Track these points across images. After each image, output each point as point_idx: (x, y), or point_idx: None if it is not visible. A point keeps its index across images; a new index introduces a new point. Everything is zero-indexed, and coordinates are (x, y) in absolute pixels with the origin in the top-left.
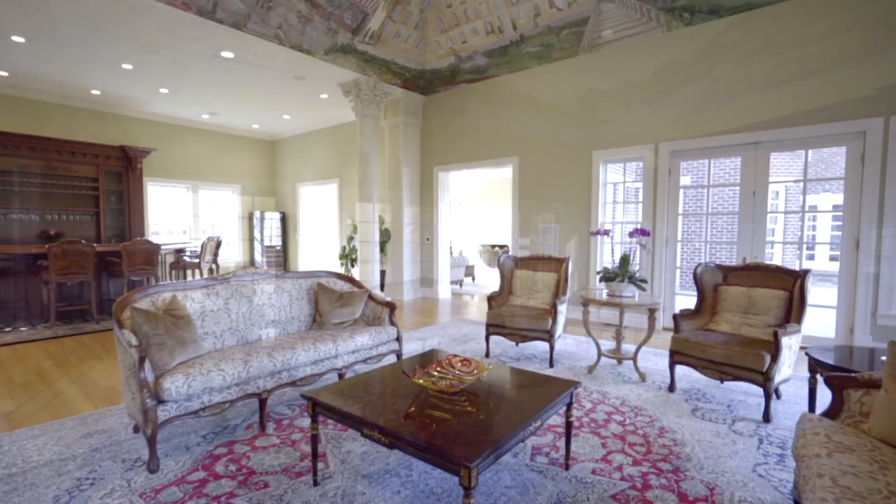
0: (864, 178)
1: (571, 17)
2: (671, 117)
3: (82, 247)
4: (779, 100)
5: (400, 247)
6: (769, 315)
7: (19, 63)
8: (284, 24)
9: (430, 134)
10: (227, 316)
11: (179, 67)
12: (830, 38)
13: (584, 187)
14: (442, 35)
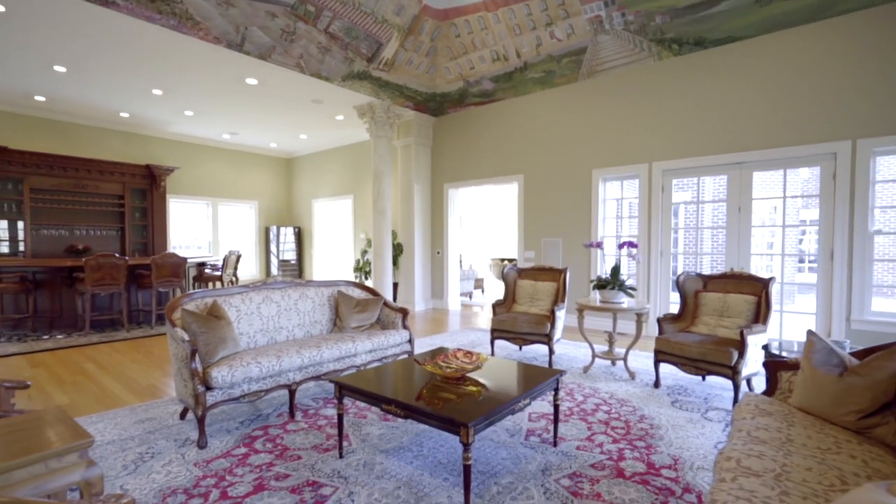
0: (836, 195)
1: (571, 46)
2: (663, 138)
3: (115, 260)
4: (759, 124)
5: (412, 260)
6: (741, 317)
7: (57, 90)
8: (305, 55)
9: (440, 153)
10: (259, 319)
11: (205, 92)
12: (804, 69)
13: (584, 203)
14: (451, 62)
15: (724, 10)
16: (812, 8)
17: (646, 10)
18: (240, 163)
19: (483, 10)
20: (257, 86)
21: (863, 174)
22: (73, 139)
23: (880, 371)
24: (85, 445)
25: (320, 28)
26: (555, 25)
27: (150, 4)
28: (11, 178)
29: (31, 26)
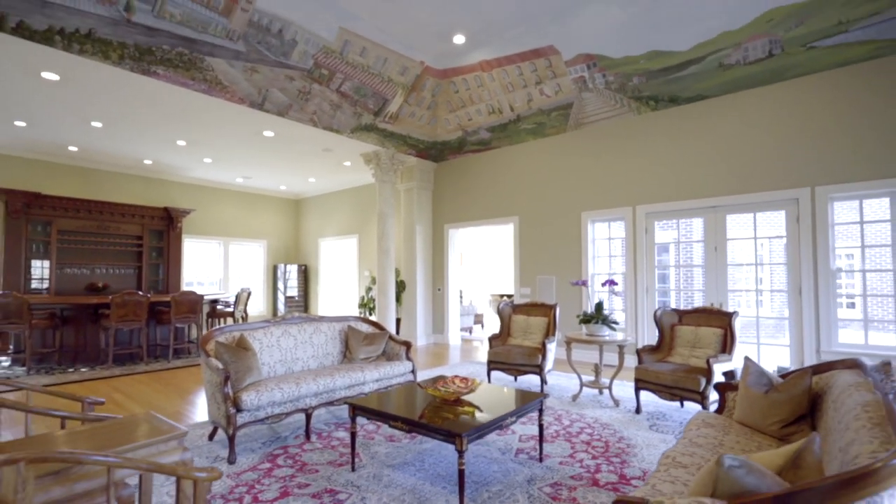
0: (801, 237)
1: (559, 102)
2: (645, 184)
3: (139, 297)
4: (730, 171)
5: (414, 296)
6: (710, 348)
7: (90, 141)
8: (318, 111)
9: (440, 195)
10: (278, 350)
11: (225, 143)
12: (765, 124)
13: (575, 243)
14: (450, 114)
15: (691, 73)
16: (767, 73)
17: (623, 72)
18: (251, 204)
19: (479, 71)
20: (273, 137)
21: (822, 218)
22: (98, 184)
23: (796, 388)
24: (181, 435)
25: (333, 88)
26: (543, 84)
27: (186, 72)
28: (41, 221)
29: (80, 91)
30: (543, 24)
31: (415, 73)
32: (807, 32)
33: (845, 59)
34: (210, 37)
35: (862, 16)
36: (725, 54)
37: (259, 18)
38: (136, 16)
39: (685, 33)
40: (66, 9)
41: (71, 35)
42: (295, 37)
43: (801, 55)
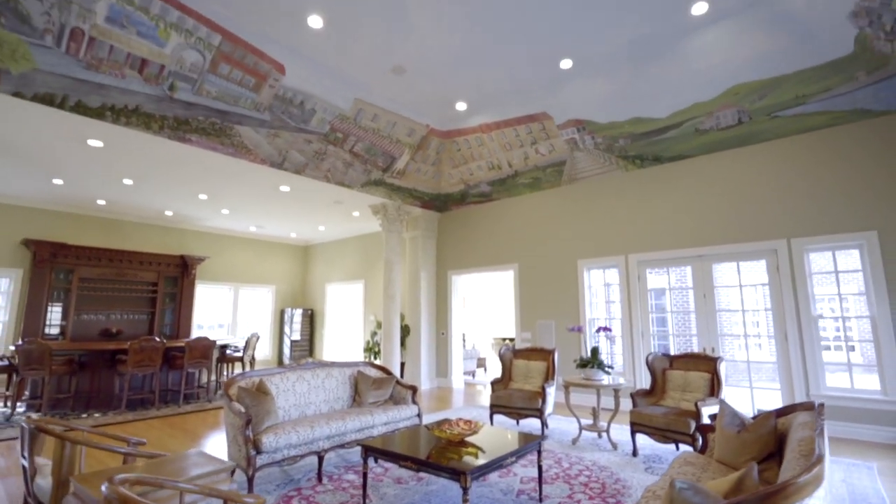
0: (782, 285)
1: (553, 160)
2: (636, 234)
3: (155, 343)
4: (713, 223)
5: (418, 341)
6: (699, 392)
7: (118, 196)
8: (332, 168)
9: (444, 243)
10: (293, 395)
11: (243, 197)
12: (741, 181)
13: (572, 289)
14: (454, 169)
15: (671, 137)
16: (738, 137)
17: (610, 135)
18: (262, 251)
19: (479, 132)
20: (289, 191)
21: (800, 267)
22: (120, 233)
23: (763, 428)
24: (230, 468)
25: (346, 148)
26: (538, 144)
27: (216, 139)
28: (64, 269)
29: (119, 155)
30: (536, 93)
31: (421, 134)
32: (770, 104)
33: (807, 127)
34: (240, 109)
35: (816, 91)
36: (700, 121)
37: (284, 92)
38: (177, 93)
39: (662, 103)
40: (120, 90)
41: (120, 110)
42: (314, 107)
43: (767, 123)
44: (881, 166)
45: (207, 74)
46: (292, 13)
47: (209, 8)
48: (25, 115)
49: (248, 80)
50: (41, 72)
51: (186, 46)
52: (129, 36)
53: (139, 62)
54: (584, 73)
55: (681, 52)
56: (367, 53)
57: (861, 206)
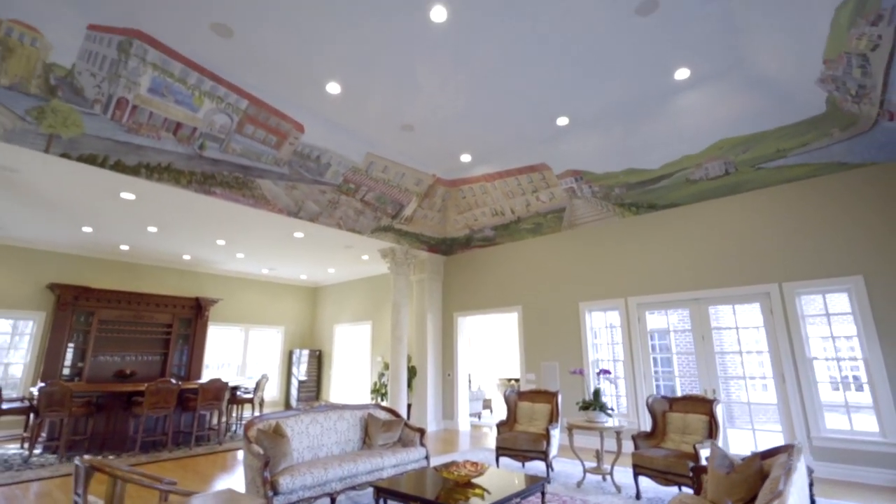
0: (776, 327)
1: (553, 207)
2: (634, 278)
3: (170, 385)
4: (708, 267)
5: (424, 382)
6: (698, 434)
7: (141, 242)
8: (344, 216)
9: (450, 286)
10: (307, 437)
11: (259, 242)
12: (733, 227)
13: (574, 331)
14: (459, 215)
15: (664, 186)
16: (727, 187)
17: (606, 184)
18: (272, 292)
19: (483, 181)
20: (303, 238)
21: (792, 310)
22: (139, 276)
23: (749, 469)
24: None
25: (357, 198)
26: (539, 192)
27: (238, 191)
28: (85, 312)
29: (147, 206)
30: (536, 146)
31: (428, 183)
32: (753, 157)
33: (789, 178)
34: (262, 164)
35: (795, 146)
36: (690, 172)
37: (302, 149)
38: (206, 151)
39: (654, 156)
40: (155, 150)
41: (153, 167)
42: (330, 161)
43: (752, 174)
44: (861, 215)
45: (234, 134)
46: (313, 81)
47: (239, 78)
48: (67, 171)
49: (270, 139)
50: (87, 136)
51: (217, 111)
52: (167, 103)
53: (174, 125)
54: (580, 129)
55: (668, 111)
56: (379, 113)
57: (846, 252)
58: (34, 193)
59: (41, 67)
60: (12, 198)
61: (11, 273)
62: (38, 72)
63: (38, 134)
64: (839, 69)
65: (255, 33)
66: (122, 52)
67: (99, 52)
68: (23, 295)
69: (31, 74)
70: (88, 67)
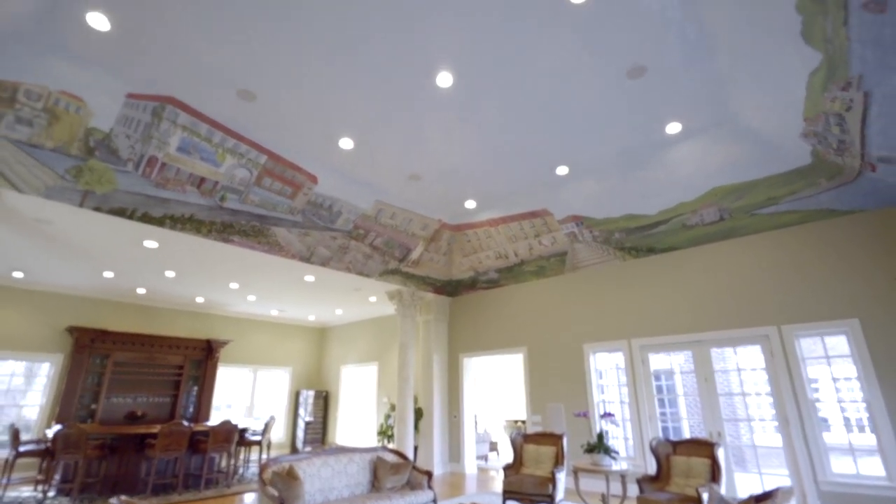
0: (777, 369)
1: (555, 250)
2: (636, 320)
3: (183, 428)
4: (708, 309)
5: (431, 424)
6: (701, 477)
7: (158, 286)
8: (353, 260)
9: (455, 327)
10: (318, 480)
11: (271, 286)
12: (730, 270)
13: (579, 372)
14: (464, 258)
15: (661, 231)
16: (722, 232)
17: (606, 229)
18: (281, 333)
19: (487, 226)
20: (313, 281)
21: (792, 352)
22: (153, 319)
23: None
24: None
25: (367, 243)
26: (541, 237)
27: (254, 239)
28: (101, 354)
29: (168, 253)
30: (537, 193)
31: (434, 228)
32: (746, 204)
33: (781, 224)
34: (277, 213)
35: (785, 194)
36: (686, 217)
37: (315, 198)
38: (226, 203)
39: (651, 202)
40: (180, 202)
41: (177, 218)
42: (341, 209)
43: (747, 220)
44: (854, 259)
45: (253, 186)
46: (328, 137)
47: (260, 135)
48: (96, 222)
49: (285, 190)
50: (119, 191)
51: (238, 165)
52: (193, 160)
53: (198, 179)
54: (579, 178)
55: (662, 161)
56: (388, 165)
57: (841, 295)
58: (63, 242)
59: (82, 132)
60: (43, 246)
61: (32, 316)
62: (80, 136)
63: (75, 190)
64: (819, 126)
65: (276, 97)
66: (155, 116)
67: (135, 117)
68: (42, 338)
69: (73, 138)
70: (124, 130)
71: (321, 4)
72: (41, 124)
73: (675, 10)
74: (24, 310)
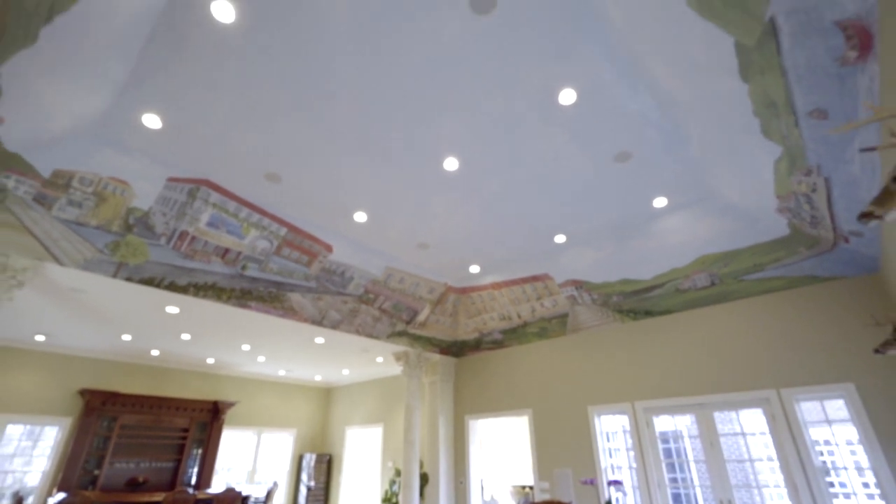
0: (780, 434)
1: (556, 312)
2: (638, 381)
3: (186, 496)
4: (708, 372)
5: (437, 490)
6: None
7: (171, 347)
8: (363, 323)
9: (461, 388)
10: None
11: (281, 347)
12: (727, 335)
13: (585, 436)
14: (469, 319)
15: (657, 295)
16: (715, 296)
17: (604, 292)
18: (286, 393)
19: (491, 289)
20: (323, 342)
21: (793, 416)
22: (162, 380)
23: None
24: None
25: (376, 306)
26: (543, 299)
27: (270, 304)
28: (109, 417)
29: (188, 318)
30: (537, 259)
31: (440, 291)
32: (734, 270)
33: (769, 289)
34: (294, 280)
35: (769, 261)
36: (679, 282)
37: (329, 265)
38: (247, 271)
39: (645, 268)
40: (204, 272)
41: (200, 286)
42: (353, 275)
43: (736, 285)
44: (843, 324)
45: (272, 256)
46: (344, 212)
47: (282, 211)
48: (123, 290)
49: (302, 259)
50: (150, 262)
51: (260, 237)
52: (220, 233)
53: (223, 251)
54: (576, 245)
55: (653, 231)
56: (398, 235)
57: (834, 360)
58: (91, 308)
59: (124, 211)
60: (71, 312)
61: (47, 379)
62: (122, 214)
63: (110, 262)
64: (791, 202)
65: (299, 178)
66: (190, 196)
67: (172, 197)
68: (54, 401)
69: (115, 217)
70: (161, 209)
71: (345, 105)
72: (89, 206)
73: (652, 110)
74: (40, 373)
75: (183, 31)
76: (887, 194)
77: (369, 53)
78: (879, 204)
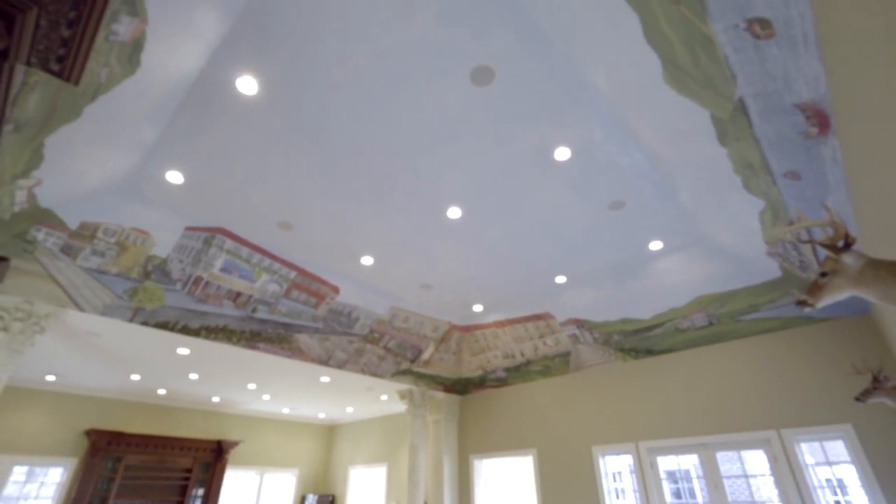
0: (782, 475)
1: (559, 350)
2: (641, 421)
3: None
4: (710, 412)
5: None
6: None
7: (179, 386)
8: (368, 362)
9: (465, 427)
10: None
11: (287, 386)
12: (726, 374)
13: (589, 477)
14: (473, 357)
15: (657, 334)
16: (712, 336)
17: (605, 331)
18: (290, 432)
19: (494, 327)
20: (328, 381)
21: (794, 457)
22: (168, 419)
23: None
24: None
25: (381, 346)
26: (545, 338)
27: (278, 345)
28: (113, 458)
29: (198, 359)
30: (540, 299)
31: (444, 329)
32: (731, 310)
33: (765, 329)
34: (302, 321)
35: (763, 302)
36: (678, 322)
37: (336, 306)
38: (257, 314)
39: (644, 308)
40: (216, 315)
41: (212, 329)
42: (359, 315)
43: (733, 325)
44: (838, 364)
45: (282, 298)
46: (351, 256)
47: (292, 256)
48: (137, 333)
49: (310, 300)
50: (165, 307)
51: (270, 281)
52: (233, 278)
53: (235, 294)
54: (577, 285)
55: (650, 272)
56: (403, 277)
57: (831, 400)
58: (105, 350)
59: (144, 259)
60: (85, 354)
61: (54, 419)
62: (141, 262)
63: (128, 308)
64: (780, 248)
65: (310, 226)
66: (206, 243)
67: (188, 245)
68: (59, 441)
69: (135, 265)
70: (178, 256)
71: (356, 160)
72: (111, 255)
73: (642, 164)
74: (47, 412)
75: (210, 102)
76: (816, 287)
77: (379, 117)
78: (811, 294)
